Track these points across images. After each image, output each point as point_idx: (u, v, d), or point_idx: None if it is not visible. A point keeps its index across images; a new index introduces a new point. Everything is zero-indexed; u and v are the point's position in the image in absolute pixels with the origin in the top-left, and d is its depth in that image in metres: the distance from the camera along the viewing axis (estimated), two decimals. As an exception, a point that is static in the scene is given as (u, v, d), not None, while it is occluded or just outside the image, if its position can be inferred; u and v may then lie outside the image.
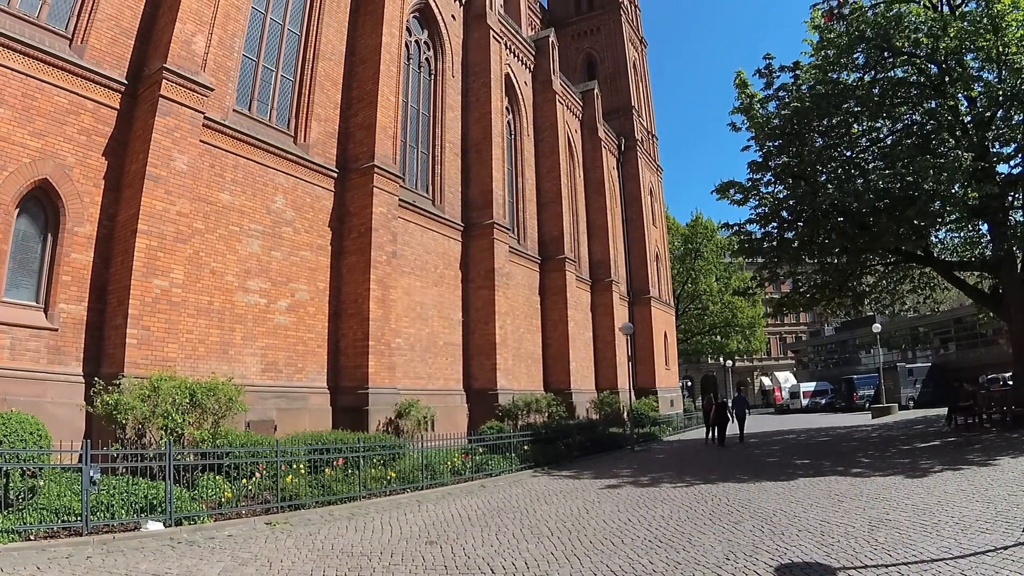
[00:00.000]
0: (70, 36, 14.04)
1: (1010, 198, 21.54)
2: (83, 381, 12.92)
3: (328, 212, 19.95)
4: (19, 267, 12.73)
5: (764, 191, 24.20)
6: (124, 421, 11.11)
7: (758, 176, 24.43)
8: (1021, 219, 22.06)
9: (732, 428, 26.79)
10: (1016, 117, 20.50)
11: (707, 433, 27.72)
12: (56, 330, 12.89)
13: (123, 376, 12.45)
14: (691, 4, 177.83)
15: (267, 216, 17.80)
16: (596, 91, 42.48)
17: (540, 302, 33.05)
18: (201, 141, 15.53)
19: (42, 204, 13.22)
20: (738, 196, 24.07)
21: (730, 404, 28.25)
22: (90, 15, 14.28)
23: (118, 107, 14.45)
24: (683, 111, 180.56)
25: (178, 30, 14.68)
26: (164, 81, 14.16)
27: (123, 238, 13.75)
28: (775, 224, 24.33)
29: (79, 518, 8.64)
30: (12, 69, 12.62)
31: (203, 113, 15.38)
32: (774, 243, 24.28)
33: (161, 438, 11.17)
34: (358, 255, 19.86)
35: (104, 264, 13.81)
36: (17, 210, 12.71)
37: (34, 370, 12.32)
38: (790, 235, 24.12)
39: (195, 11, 15.19)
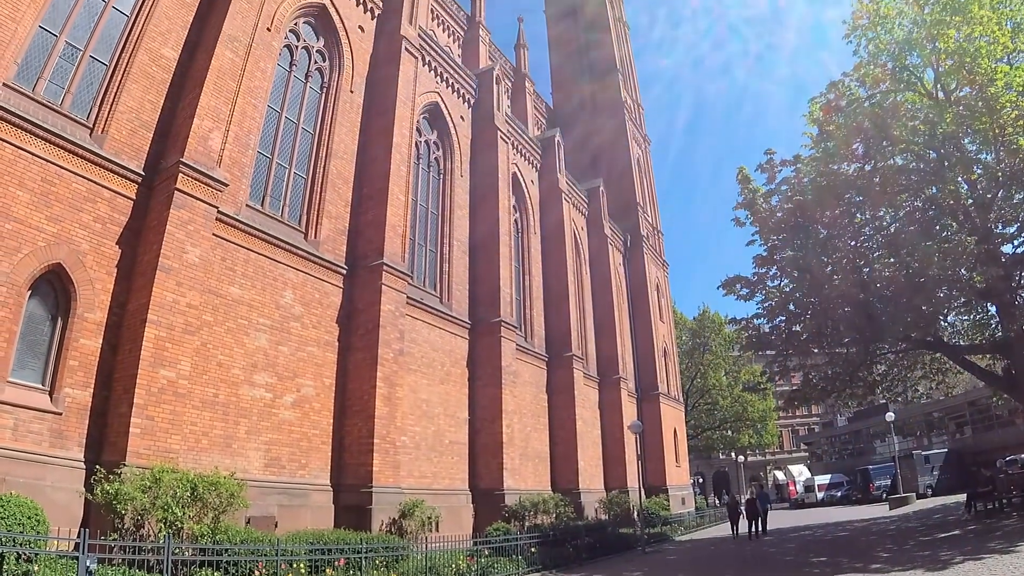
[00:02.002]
0: (91, 125, 14.57)
1: (1016, 278, 21.47)
2: (84, 467, 12.70)
3: (336, 308, 20.01)
4: (27, 348, 12.72)
5: (770, 285, 24.23)
6: (123, 511, 10.86)
7: (764, 270, 24.49)
8: (1029, 298, 21.94)
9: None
10: (1017, 196, 20.68)
11: (733, 529, 28.58)
12: (60, 414, 12.75)
13: (125, 465, 12.26)
14: (693, 103, 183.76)
15: (276, 311, 17.86)
16: (601, 189, 43.24)
17: (547, 400, 32.65)
18: (214, 235, 15.82)
19: (54, 288, 13.34)
20: (744, 291, 24.13)
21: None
22: (111, 107, 14.87)
23: (134, 197, 14.81)
24: (687, 206, 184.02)
25: (196, 126, 15.24)
26: (180, 175, 14.57)
27: (132, 327, 13.78)
28: (783, 317, 24.25)
29: (73, 608, 8.31)
30: (33, 154, 13.02)
31: (217, 207, 15.73)
32: (783, 336, 24.13)
33: (160, 530, 10.91)
34: (365, 352, 19.78)
35: (112, 351, 13.80)
36: (29, 292, 12.81)
37: (36, 453, 12.12)
38: (798, 328, 23.99)
39: (213, 108, 15.81)
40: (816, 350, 24.49)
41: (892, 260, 20.02)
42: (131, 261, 14.41)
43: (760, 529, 27.15)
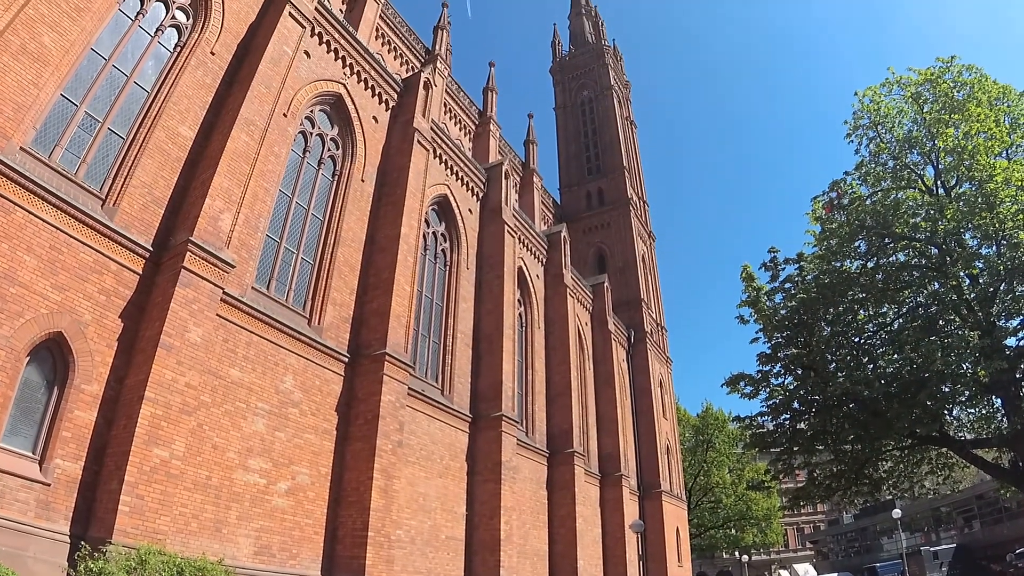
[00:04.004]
0: (103, 197, 14.83)
1: (1021, 371, 21.26)
2: (68, 541, 12.30)
3: (336, 396, 19.77)
4: (21, 415, 12.52)
5: (774, 382, 24.02)
6: (105, 592, 10.40)
7: (768, 368, 24.35)
8: (1035, 391, 21.65)
9: None
10: (1019, 289, 20.79)
11: None
12: (49, 485, 12.43)
13: (110, 543, 11.88)
14: (697, 200, 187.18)
15: (275, 395, 17.65)
16: (606, 284, 43.47)
17: (547, 496, 31.79)
18: (217, 315, 15.81)
19: (53, 356, 13.24)
20: (748, 389, 23.95)
21: None
22: (125, 180, 15.20)
23: (140, 272, 14.92)
24: (692, 302, 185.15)
25: (207, 205, 15.50)
26: (188, 253, 14.71)
27: (129, 403, 13.59)
28: (787, 415, 23.94)
29: None
30: (44, 220, 13.20)
31: (222, 288, 15.79)
32: (787, 434, 23.75)
33: (141, 614, 10.41)
34: (363, 442, 19.40)
35: (106, 425, 13.56)
36: (28, 358, 12.71)
37: (20, 522, 11.76)
38: (802, 425, 23.65)
39: (225, 189, 16.12)
40: (821, 447, 24.06)
41: (896, 356, 19.92)
42: (132, 336, 14.37)
43: None
